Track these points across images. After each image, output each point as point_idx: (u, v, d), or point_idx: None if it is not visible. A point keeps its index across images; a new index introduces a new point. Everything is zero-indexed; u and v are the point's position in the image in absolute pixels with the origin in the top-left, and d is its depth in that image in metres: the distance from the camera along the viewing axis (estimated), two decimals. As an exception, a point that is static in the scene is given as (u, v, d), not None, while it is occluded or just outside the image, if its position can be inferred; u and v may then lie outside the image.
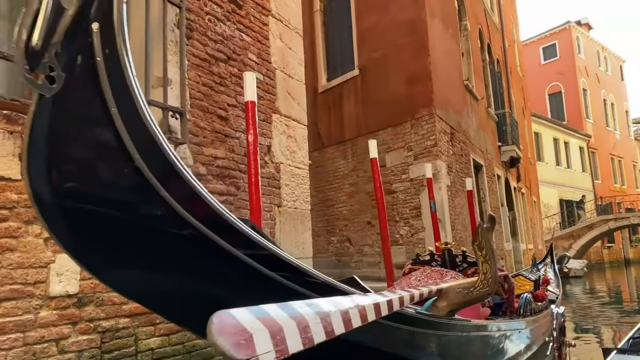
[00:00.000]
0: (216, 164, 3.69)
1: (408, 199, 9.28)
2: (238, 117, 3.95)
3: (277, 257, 1.75)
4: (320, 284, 2.00)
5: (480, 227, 2.85)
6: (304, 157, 4.86)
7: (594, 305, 11.24)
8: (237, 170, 3.89)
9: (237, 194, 3.85)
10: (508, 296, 4.75)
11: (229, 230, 1.59)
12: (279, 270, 1.80)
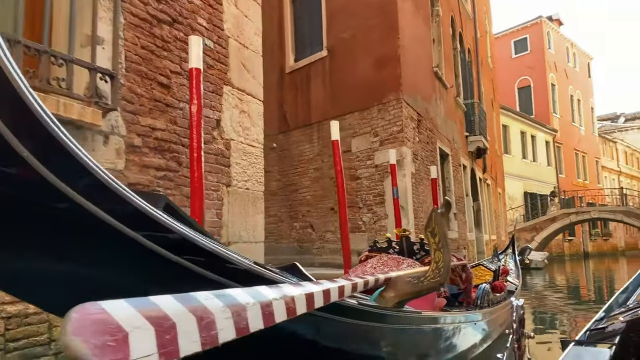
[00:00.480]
0: (154, 136, 3.36)
1: (372, 186, 9.08)
2: (182, 86, 3.61)
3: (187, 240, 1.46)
4: (244, 272, 1.72)
5: (434, 212, 2.63)
6: (259, 134, 4.56)
7: (553, 297, 11.36)
8: (179, 145, 3.57)
9: (178, 169, 3.53)
10: (465, 286, 4.59)
11: (116, 204, 1.27)
12: (195, 256, 1.52)
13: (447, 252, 2.55)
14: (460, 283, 4.58)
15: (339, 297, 1.93)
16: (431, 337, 3.18)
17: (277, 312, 1.34)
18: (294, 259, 10.73)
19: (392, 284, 2.58)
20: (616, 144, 40.80)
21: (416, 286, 2.53)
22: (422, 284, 2.52)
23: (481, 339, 4.50)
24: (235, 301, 1.17)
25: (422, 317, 2.92)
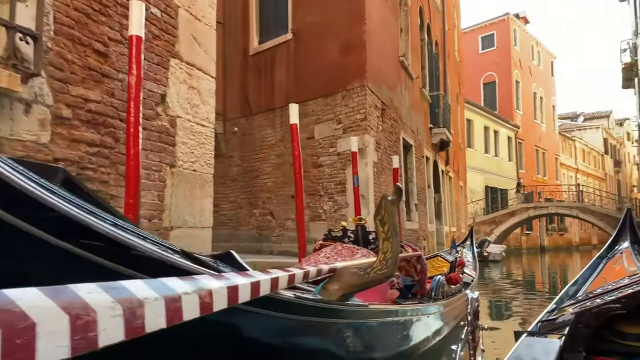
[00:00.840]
0: (87, 108, 3.06)
1: (334, 174, 8.91)
2: (123, 55, 3.31)
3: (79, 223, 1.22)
4: (156, 262, 1.49)
5: (384, 199, 2.44)
6: (209, 113, 4.29)
7: (509, 289, 11.50)
8: (117, 119, 3.27)
9: (114, 146, 3.24)
10: (420, 278, 4.47)
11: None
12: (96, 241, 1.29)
13: (396, 242, 2.37)
14: (415, 274, 4.45)
15: (273, 290, 1.73)
16: (380, 332, 3.02)
17: (188, 308, 1.13)
18: (253, 246, 10.51)
19: (337, 275, 2.39)
20: (575, 142, 41.97)
21: (362, 278, 2.35)
22: (369, 276, 2.34)
23: (434, 331, 4.40)
24: (130, 295, 0.96)
25: (370, 311, 2.75)
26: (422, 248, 12.09)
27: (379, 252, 2.39)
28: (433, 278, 4.71)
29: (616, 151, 49.64)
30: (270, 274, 1.80)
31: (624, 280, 2.72)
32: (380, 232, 2.41)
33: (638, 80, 18.27)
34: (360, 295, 3.56)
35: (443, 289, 4.70)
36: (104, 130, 3.16)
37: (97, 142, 3.10)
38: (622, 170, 49.98)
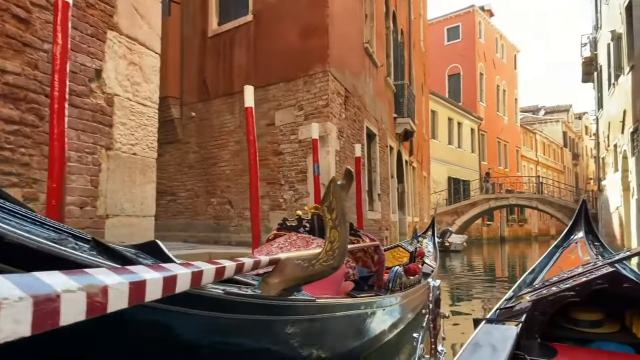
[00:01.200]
0: (4, 80, 2.71)
1: (295, 162, 8.66)
2: (48, 23, 2.95)
3: None
4: (35, 253, 1.24)
5: (333, 184, 2.21)
6: (153, 92, 3.96)
7: (470, 279, 11.57)
8: (41, 94, 2.93)
9: (38, 125, 2.89)
10: (377, 269, 4.29)
11: None
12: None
13: (345, 231, 2.15)
14: (372, 265, 4.27)
15: (194, 285, 1.49)
16: (331, 327, 2.81)
17: (69, 309, 0.91)
18: (211, 236, 10.15)
19: (279, 267, 2.16)
20: (536, 134, 42.94)
21: (306, 270, 2.12)
22: (314, 268, 2.12)
23: (392, 324, 4.23)
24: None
25: (318, 305, 2.53)
26: (384, 238, 12.01)
27: (325, 242, 2.17)
28: (391, 269, 4.54)
29: (575, 144, 51.13)
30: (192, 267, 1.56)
31: (578, 269, 2.81)
32: (327, 219, 2.18)
33: (597, 74, 18.67)
34: (311, 287, 3.34)
35: (401, 280, 4.54)
36: (25, 107, 2.82)
37: (16, 119, 2.76)
38: (580, 163, 51.57)
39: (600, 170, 18.99)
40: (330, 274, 2.15)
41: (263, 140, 9.14)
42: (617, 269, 2.20)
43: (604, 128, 17.63)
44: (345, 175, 2.28)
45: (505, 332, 2.06)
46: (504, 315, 2.47)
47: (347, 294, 3.51)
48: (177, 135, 10.71)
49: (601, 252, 3.87)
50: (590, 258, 3.54)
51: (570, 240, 4.62)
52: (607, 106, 17.02)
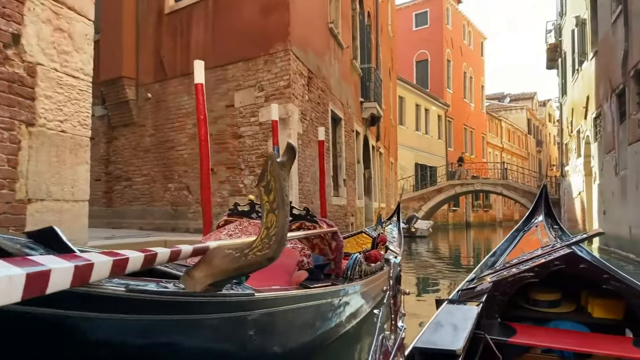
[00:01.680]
0: None
1: (255, 145, 8.29)
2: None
3: None
4: None
5: (271, 160, 1.90)
6: (85, 64, 3.53)
7: (435, 263, 11.61)
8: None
9: None
10: (335, 256, 4.00)
11: None
12: None
13: (284, 215, 1.84)
14: (330, 252, 3.99)
15: (80, 282, 1.17)
16: (273, 323, 2.51)
17: None
18: (168, 224, 9.69)
19: (206, 258, 1.83)
20: (501, 121, 43.53)
21: (237, 261, 1.80)
22: (246, 259, 1.80)
23: (351, 313, 3.97)
24: None
25: (255, 301, 2.22)
26: (350, 224, 11.80)
27: (261, 228, 1.85)
28: (350, 256, 4.27)
29: (539, 132, 52.15)
30: (80, 259, 1.24)
31: (538, 251, 2.89)
32: (264, 201, 1.86)
33: (561, 61, 18.82)
34: (259, 279, 3.02)
35: (360, 268, 4.27)
36: None
37: None
38: (543, 149, 52.67)
39: (564, 156, 19.25)
40: (265, 265, 1.84)
41: (222, 123, 8.74)
42: (574, 250, 2.26)
43: (568, 114, 17.82)
44: (285, 151, 1.97)
45: (466, 312, 2.08)
46: (465, 295, 2.51)
47: (300, 284, 3.21)
48: (133, 117, 10.17)
49: (560, 235, 3.95)
50: (549, 240, 3.63)
51: (530, 223, 4.73)
52: (570, 92, 17.18)
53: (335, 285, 3.52)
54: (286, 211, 1.82)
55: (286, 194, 1.85)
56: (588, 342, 2.12)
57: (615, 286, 2.16)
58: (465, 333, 1.77)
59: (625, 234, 10.30)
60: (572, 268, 2.21)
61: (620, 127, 10.68)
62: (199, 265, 1.82)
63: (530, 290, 2.53)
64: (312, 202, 8.71)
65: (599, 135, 12.95)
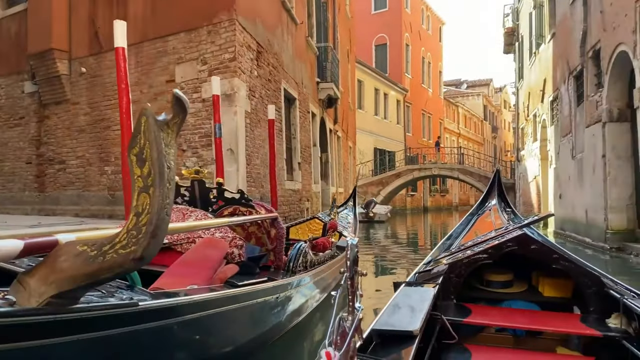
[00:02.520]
0: None
1: (199, 124, 7.61)
2: None
3: None
4: None
5: (146, 117, 1.33)
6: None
7: (394, 247, 11.49)
8: None
9: None
10: (274, 246, 3.46)
11: None
12: None
13: (162, 195, 1.25)
14: (268, 242, 3.44)
15: None
16: (175, 336, 1.94)
17: None
18: (105, 210, 8.85)
19: (49, 259, 1.24)
20: (458, 107, 43.89)
21: (92, 264, 1.21)
22: (104, 260, 1.21)
23: (293, 311, 3.43)
24: None
25: (140, 313, 1.64)
26: (305, 210, 11.29)
27: (129, 216, 1.27)
28: (294, 245, 3.74)
29: (494, 118, 53.02)
30: None
31: (491, 233, 3.00)
32: (136, 177, 1.28)
33: (518, 45, 18.77)
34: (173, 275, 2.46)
35: (306, 259, 3.75)
36: None
37: None
38: (499, 135, 53.62)
39: (519, 141, 19.31)
40: (132, 268, 1.25)
41: (163, 100, 7.99)
42: (525, 232, 2.34)
43: (524, 98, 17.81)
44: (172, 105, 1.38)
45: (423, 294, 2.11)
46: (422, 278, 2.56)
47: (227, 281, 2.65)
48: (66, 94, 9.26)
49: (512, 217, 4.07)
50: (502, 223, 3.74)
51: (484, 207, 4.86)
52: (527, 76, 17.14)
53: (272, 281, 2.98)
54: (165, 190, 1.25)
55: (168, 166, 1.28)
56: (539, 320, 2.18)
57: (564, 266, 2.22)
58: (422, 314, 1.79)
59: (581, 218, 10.22)
60: (523, 249, 2.27)
61: (578, 110, 10.55)
62: (38, 270, 1.23)
63: (485, 271, 2.56)
64: (263, 186, 8.13)
65: (555, 119, 12.87)
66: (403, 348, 1.56)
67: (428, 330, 1.91)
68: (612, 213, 8.29)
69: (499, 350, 2.22)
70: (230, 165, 7.18)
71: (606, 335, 1.98)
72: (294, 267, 3.51)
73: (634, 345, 1.88)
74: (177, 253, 2.95)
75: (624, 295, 2.06)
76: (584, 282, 2.21)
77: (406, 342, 1.59)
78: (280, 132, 9.62)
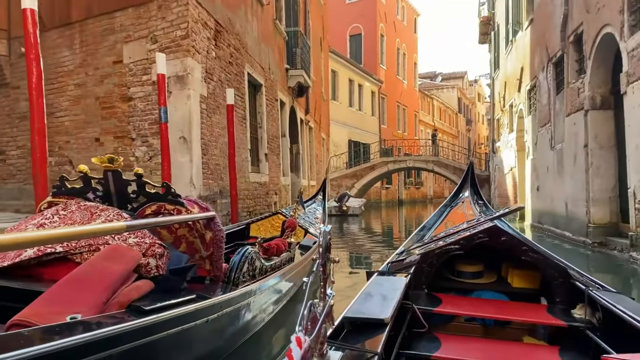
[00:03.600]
0: None
1: (148, 109, 6.85)
2: None
3: None
4: None
5: None
6: None
7: (367, 242, 11.17)
8: None
9: None
10: (210, 252, 2.80)
11: None
12: None
13: None
14: (202, 248, 2.76)
15: None
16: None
17: None
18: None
19: None
20: (433, 100, 43.62)
21: None
22: None
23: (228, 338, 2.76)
24: None
25: None
26: (272, 204, 10.61)
27: None
28: (238, 251, 3.06)
29: (468, 110, 53.05)
30: None
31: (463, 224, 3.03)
32: None
33: (494, 34, 18.35)
34: (50, 300, 1.78)
35: (253, 266, 3.09)
36: None
37: None
38: (473, 128, 53.70)
39: (495, 132, 18.95)
40: None
41: (109, 83, 7.21)
42: (496, 224, 2.36)
43: (500, 89, 17.41)
44: None
45: (394, 283, 2.15)
46: (394, 267, 2.55)
47: (129, 305, 1.97)
48: (5, 77, 8.36)
49: (484, 210, 4.11)
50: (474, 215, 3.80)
51: (457, 199, 4.93)
52: (503, 65, 16.72)
53: (202, 299, 2.31)
54: None
55: None
56: (507, 310, 2.22)
57: (532, 257, 2.25)
58: (393, 303, 1.82)
59: (560, 211, 9.80)
60: (494, 241, 2.30)
61: (557, 98, 10.10)
62: None
63: (456, 262, 2.59)
64: (222, 179, 7.41)
65: (533, 108, 12.45)
66: (374, 336, 1.56)
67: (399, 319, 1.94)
68: (595, 206, 7.85)
69: (468, 339, 2.22)
70: (183, 155, 6.46)
71: (571, 325, 2.02)
72: (236, 277, 2.85)
73: (597, 335, 1.91)
74: (74, 264, 2.26)
75: (588, 286, 2.09)
76: (551, 273, 2.24)
77: (377, 330, 1.59)
78: (244, 120, 8.91)
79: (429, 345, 1.96)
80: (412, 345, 1.96)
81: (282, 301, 3.80)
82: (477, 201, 4.57)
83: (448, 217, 4.39)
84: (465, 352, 1.91)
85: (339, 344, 1.47)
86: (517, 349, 2.08)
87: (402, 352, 1.88)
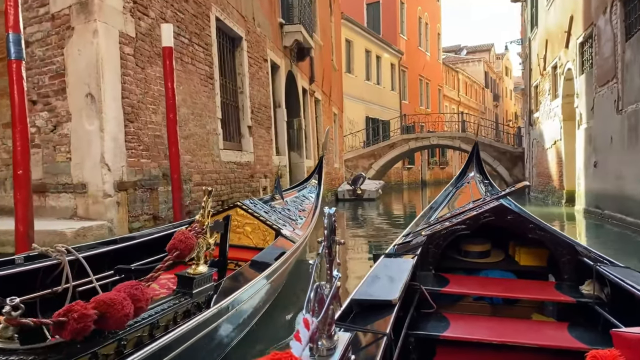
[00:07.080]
0: None
1: (48, 57, 4.73)
2: None
3: None
4: None
5: None
6: None
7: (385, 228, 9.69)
8: None
9: None
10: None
11: None
12: None
13: None
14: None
15: None
16: None
17: None
18: None
19: None
20: (458, 74, 40.68)
21: None
22: None
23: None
24: None
25: None
26: (259, 190, 8.49)
27: None
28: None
29: (495, 85, 49.84)
30: None
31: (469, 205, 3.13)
32: None
33: (531, -15, 15.70)
34: None
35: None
36: None
37: None
38: (500, 104, 50.53)
39: (532, 102, 16.37)
40: None
41: None
42: (502, 203, 2.43)
43: (539, 49, 14.80)
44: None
45: (402, 265, 2.14)
46: (401, 249, 2.56)
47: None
48: None
49: (489, 189, 4.13)
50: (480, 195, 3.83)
51: (463, 179, 5.08)
52: (543, 21, 14.11)
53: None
54: None
55: None
56: (515, 288, 2.25)
57: (539, 235, 2.26)
58: (400, 284, 1.81)
59: (632, 193, 7.43)
60: (500, 219, 2.33)
61: (628, 45, 7.65)
62: None
63: (462, 242, 2.59)
64: (167, 158, 5.26)
65: (587, 65, 9.97)
66: (382, 317, 1.56)
67: (407, 300, 1.94)
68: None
69: (476, 318, 2.20)
70: (90, 121, 4.34)
71: (579, 301, 2.03)
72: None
73: (605, 311, 1.91)
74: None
75: (596, 262, 2.08)
76: (558, 250, 2.26)
77: (385, 311, 1.59)
78: (211, 80, 6.75)
79: (437, 325, 1.94)
80: (420, 325, 1.94)
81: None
82: (483, 181, 4.62)
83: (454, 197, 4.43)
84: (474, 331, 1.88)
85: (347, 325, 1.45)
86: (526, 326, 2.03)
87: (411, 333, 1.86)
